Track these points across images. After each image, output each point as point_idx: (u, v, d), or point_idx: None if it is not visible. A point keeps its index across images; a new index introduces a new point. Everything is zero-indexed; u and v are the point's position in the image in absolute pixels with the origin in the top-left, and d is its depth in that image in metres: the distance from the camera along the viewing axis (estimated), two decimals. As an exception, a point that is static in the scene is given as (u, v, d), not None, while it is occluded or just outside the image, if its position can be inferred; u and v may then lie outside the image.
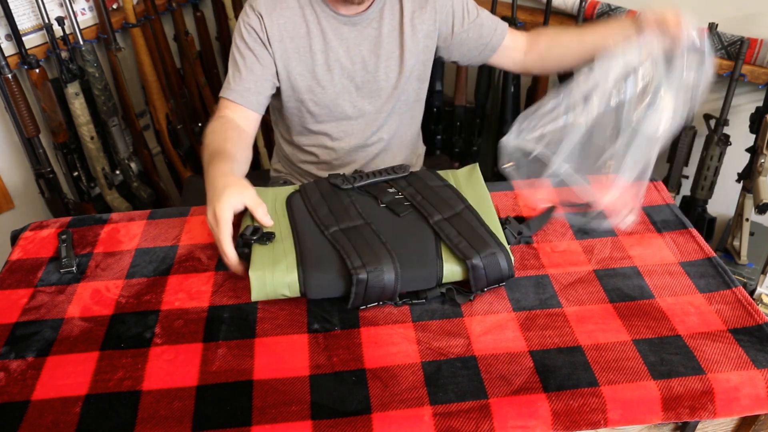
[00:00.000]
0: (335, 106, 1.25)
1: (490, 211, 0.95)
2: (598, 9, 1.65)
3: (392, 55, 1.23)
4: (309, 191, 0.99)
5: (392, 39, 1.23)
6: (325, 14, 1.19)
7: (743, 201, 1.51)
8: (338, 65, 1.22)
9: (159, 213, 1.09)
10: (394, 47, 1.23)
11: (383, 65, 1.23)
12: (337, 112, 1.26)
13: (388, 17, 1.22)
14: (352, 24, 1.20)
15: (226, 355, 0.81)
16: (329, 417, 0.72)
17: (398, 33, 1.23)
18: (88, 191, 1.81)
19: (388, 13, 1.22)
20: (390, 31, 1.22)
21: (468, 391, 0.75)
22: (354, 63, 1.22)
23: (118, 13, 1.80)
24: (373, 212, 0.95)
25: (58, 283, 0.94)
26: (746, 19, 1.47)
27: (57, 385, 0.78)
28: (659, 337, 0.82)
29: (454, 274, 0.88)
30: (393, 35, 1.23)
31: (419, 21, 1.22)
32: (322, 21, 1.19)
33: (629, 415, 0.74)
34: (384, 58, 1.23)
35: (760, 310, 0.85)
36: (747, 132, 1.49)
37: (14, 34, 1.53)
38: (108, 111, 1.74)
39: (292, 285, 0.86)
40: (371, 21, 1.21)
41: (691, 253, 0.96)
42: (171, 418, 0.73)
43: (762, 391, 0.75)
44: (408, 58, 1.24)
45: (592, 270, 0.93)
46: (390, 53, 1.23)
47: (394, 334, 0.83)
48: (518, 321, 0.85)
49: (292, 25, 1.19)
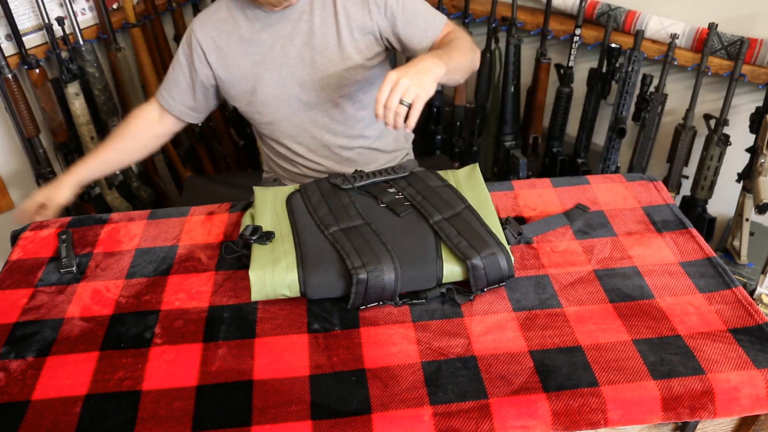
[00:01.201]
0: (281, 103, 1.27)
1: (490, 211, 0.95)
2: (598, 9, 1.65)
3: (328, 46, 1.22)
4: (309, 191, 1.00)
5: (326, 30, 1.22)
6: (256, 16, 1.22)
7: (743, 201, 1.51)
8: (275, 63, 1.23)
9: (159, 213, 1.09)
10: (329, 38, 1.22)
11: (319, 56, 1.23)
12: (286, 109, 1.27)
13: (319, 8, 1.21)
14: (285, 19, 1.21)
15: (226, 355, 0.81)
16: (329, 417, 0.72)
17: (333, 23, 1.22)
18: (88, 191, 1.81)
19: (318, 4, 1.22)
20: (322, 21, 1.22)
21: (468, 391, 0.75)
22: (290, 58, 1.23)
23: (118, 13, 1.80)
24: (373, 212, 0.95)
25: (58, 283, 0.94)
26: (746, 19, 1.47)
27: (57, 385, 0.78)
28: (659, 337, 0.82)
29: (454, 274, 0.88)
30: (327, 26, 1.22)
31: (354, 12, 1.21)
32: (255, 23, 1.22)
33: (629, 415, 0.74)
34: (320, 50, 1.23)
35: (760, 310, 0.85)
36: (747, 132, 1.49)
37: (14, 34, 1.53)
38: (108, 111, 1.74)
39: (292, 285, 0.86)
40: (302, 14, 1.22)
41: (691, 253, 0.96)
42: (171, 418, 0.73)
43: (762, 391, 0.75)
44: (346, 47, 1.23)
45: (592, 270, 0.93)
46: (325, 44, 1.22)
47: (394, 334, 0.83)
48: (518, 321, 0.85)
49: (225, 34, 1.23)
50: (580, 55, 1.76)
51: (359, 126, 1.32)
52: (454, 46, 1.14)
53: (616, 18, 1.63)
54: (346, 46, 1.23)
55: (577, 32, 1.66)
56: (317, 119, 1.29)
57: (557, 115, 1.79)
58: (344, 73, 1.25)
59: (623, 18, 1.62)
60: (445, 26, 1.25)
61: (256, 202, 1.00)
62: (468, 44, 1.19)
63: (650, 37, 1.59)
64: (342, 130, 1.31)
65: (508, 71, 1.80)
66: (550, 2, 1.69)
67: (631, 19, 1.61)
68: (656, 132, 1.60)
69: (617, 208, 1.06)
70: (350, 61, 1.24)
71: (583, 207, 1.06)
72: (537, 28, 1.77)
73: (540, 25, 1.75)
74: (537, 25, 1.77)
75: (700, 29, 1.52)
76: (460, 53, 1.14)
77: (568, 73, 1.73)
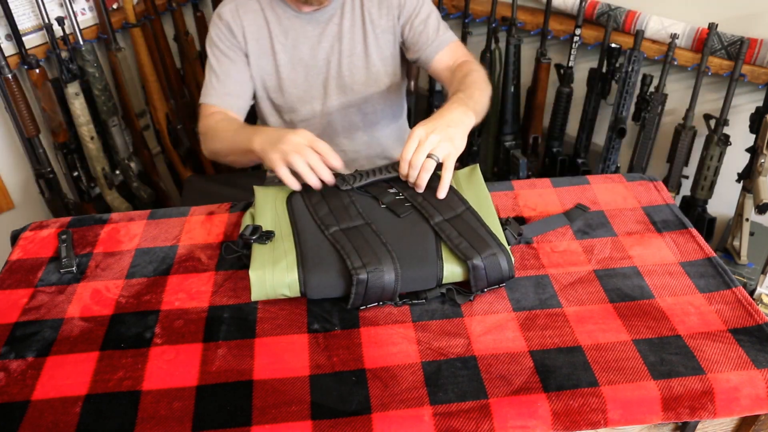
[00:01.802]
0: (303, 104, 1.26)
1: (491, 211, 0.95)
2: (598, 9, 1.66)
3: (354, 51, 1.23)
4: (310, 191, 0.99)
5: (354, 34, 1.23)
6: (286, 14, 1.21)
7: (743, 201, 1.51)
8: (302, 64, 1.23)
9: (159, 213, 1.09)
10: (357, 43, 1.23)
11: (346, 61, 1.23)
12: (305, 111, 1.27)
13: (349, 12, 1.22)
14: (315, 22, 1.21)
15: (226, 355, 0.81)
16: (329, 417, 0.72)
17: (360, 28, 1.22)
18: (88, 191, 1.81)
19: (348, 9, 1.22)
20: (351, 26, 1.22)
21: (468, 391, 0.75)
22: (318, 60, 1.23)
23: (118, 13, 1.80)
24: (374, 212, 0.95)
25: (58, 283, 0.94)
26: (746, 19, 1.47)
27: (57, 385, 0.78)
28: (659, 337, 0.82)
29: (454, 274, 0.88)
30: (354, 30, 1.22)
31: (377, 15, 1.22)
32: (284, 21, 1.21)
33: (629, 415, 0.74)
34: (347, 54, 1.23)
35: (760, 310, 0.85)
36: (747, 132, 1.49)
37: (14, 34, 1.53)
38: (108, 111, 1.74)
39: (292, 285, 0.86)
40: (332, 17, 1.22)
41: (691, 253, 0.96)
42: (171, 418, 0.73)
43: (762, 391, 0.75)
44: (372, 54, 1.23)
45: (592, 270, 0.93)
46: (352, 49, 1.23)
47: (394, 334, 0.83)
48: (518, 321, 0.85)
49: (256, 27, 1.21)
50: (580, 55, 1.76)
51: (377, 134, 1.33)
52: (474, 85, 1.09)
53: (616, 18, 1.63)
54: (371, 53, 1.23)
55: (577, 32, 1.66)
56: (336, 123, 1.29)
57: (557, 115, 1.79)
58: (367, 80, 1.25)
59: (623, 18, 1.62)
60: (455, 44, 1.24)
61: (256, 202, 1.00)
62: (484, 79, 1.14)
63: (650, 37, 1.59)
64: (360, 136, 1.31)
65: (508, 71, 1.80)
66: (550, 2, 1.69)
67: (631, 19, 1.61)
68: (656, 132, 1.60)
69: (617, 208, 1.06)
70: (374, 68, 1.25)
71: (583, 207, 1.06)
72: (537, 28, 1.77)
73: (540, 25, 1.75)
74: (537, 25, 1.77)
75: (700, 29, 1.52)
76: (480, 92, 1.09)
77: (568, 73, 1.73)
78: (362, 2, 1.22)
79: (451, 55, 1.23)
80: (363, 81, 1.26)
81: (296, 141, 0.95)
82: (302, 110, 1.27)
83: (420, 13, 1.23)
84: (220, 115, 1.19)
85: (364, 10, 1.22)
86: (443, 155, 0.93)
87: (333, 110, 1.28)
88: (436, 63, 1.23)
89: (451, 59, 1.22)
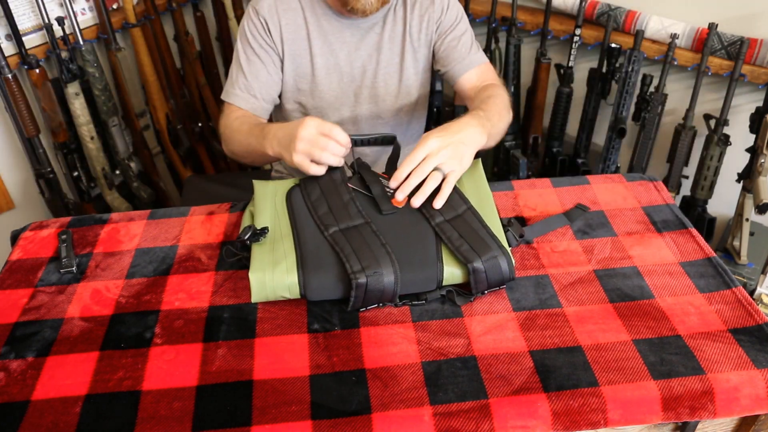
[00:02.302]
0: (333, 111, 1.25)
1: (492, 211, 0.95)
2: (598, 9, 1.65)
3: (391, 62, 1.22)
4: (309, 187, 0.98)
5: (393, 46, 1.22)
6: (327, 17, 1.18)
7: (743, 201, 1.51)
8: (337, 70, 1.22)
9: (159, 213, 1.09)
10: (394, 54, 1.22)
11: (382, 72, 1.23)
12: (334, 117, 1.26)
13: (390, 23, 1.21)
14: (355, 28, 1.20)
15: (226, 355, 0.81)
16: (329, 417, 0.72)
17: (400, 41, 1.22)
18: (88, 191, 1.81)
19: (390, 20, 1.21)
20: (391, 37, 1.21)
21: (468, 391, 0.75)
22: (354, 68, 1.22)
23: (118, 13, 1.80)
24: (374, 210, 0.94)
25: (58, 283, 0.94)
26: (746, 19, 1.47)
27: (57, 385, 0.78)
28: (659, 337, 0.82)
29: (454, 276, 0.87)
30: (394, 42, 1.22)
31: (417, 29, 1.22)
32: (323, 23, 1.18)
33: (629, 415, 0.74)
34: (384, 65, 1.22)
35: (760, 310, 0.85)
36: (747, 132, 1.49)
37: (14, 34, 1.53)
38: (108, 111, 1.74)
39: (292, 287, 0.85)
40: (374, 26, 1.20)
41: (691, 253, 0.96)
42: (171, 418, 0.73)
43: (762, 391, 0.75)
44: (407, 67, 1.23)
45: (592, 270, 0.93)
46: (389, 60, 1.22)
47: (394, 335, 0.83)
48: (518, 321, 0.85)
49: (294, 27, 1.18)
50: (580, 55, 1.76)
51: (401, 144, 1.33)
52: (495, 109, 1.07)
53: (616, 18, 1.63)
54: (407, 67, 1.23)
55: (577, 32, 1.66)
56: (362, 131, 1.28)
57: (557, 115, 1.79)
58: (399, 92, 1.24)
59: (623, 18, 1.62)
60: (485, 66, 1.23)
61: (255, 197, 0.99)
62: (506, 106, 1.12)
63: (650, 37, 1.59)
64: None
65: (508, 71, 1.80)
66: (550, 2, 1.69)
67: (631, 19, 1.61)
68: (656, 132, 1.60)
69: (617, 208, 1.06)
70: (408, 81, 1.24)
71: (583, 207, 1.06)
72: (537, 28, 1.77)
73: (540, 25, 1.75)
74: (537, 25, 1.77)
75: (700, 29, 1.52)
76: (499, 118, 1.07)
77: (568, 73, 1.73)
78: (405, 15, 1.21)
79: (479, 76, 1.22)
80: (395, 93, 1.25)
81: (308, 135, 0.92)
82: (331, 116, 1.25)
83: (456, 28, 1.22)
84: (240, 117, 1.16)
85: (405, 23, 1.20)
86: (448, 171, 0.92)
87: (361, 119, 1.26)
88: (463, 81, 1.22)
89: (478, 80, 1.21)
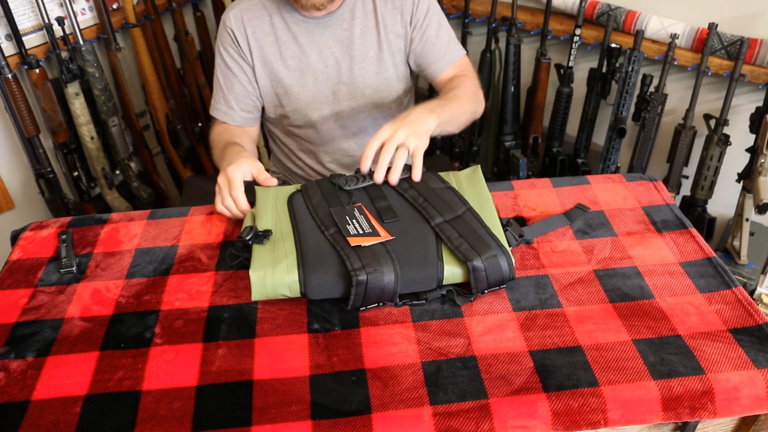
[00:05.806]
0: (313, 110, 1.25)
1: (492, 213, 0.95)
2: (598, 9, 1.66)
3: (366, 56, 1.22)
4: (310, 191, 0.99)
5: (366, 39, 1.21)
6: (294, 19, 1.19)
7: (743, 201, 1.51)
8: (311, 70, 1.22)
9: (159, 213, 1.09)
10: (368, 48, 1.21)
11: (358, 66, 1.22)
12: (316, 116, 1.26)
13: (360, 17, 1.20)
14: (323, 26, 1.19)
15: (226, 355, 0.81)
16: (329, 417, 0.72)
17: (374, 33, 1.21)
18: (88, 191, 1.81)
19: (359, 13, 1.20)
20: (363, 30, 1.21)
21: (468, 391, 0.75)
22: (327, 66, 1.22)
23: (118, 13, 1.80)
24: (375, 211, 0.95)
25: (58, 283, 0.94)
26: (746, 19, 1.47)
27: (57, 385, 0.78)
28: (659, 337, 0.82)
29: (454, 276, 0.88)
30: (367, 35, 1.21)
31: (392, 21, 1.21)
32: (292, 26, 1.19)
33: (629, 415, 0.74)
34: (359, 59, 1.21)
35: (760, 310, 0.85)
36: (747, 132, 1.50)
37: (14, 34, 1.53)
38: (108, 111, 1.74)
39: (292, 285, 0.86)
40: (341, 21, 1.20)
41: (691, 253, 0.96)
42: (171, 418, 0.73)
43: (762, 391, 0.75)
44: (385, 59, 1.22)
45: (592, 270, 0.93)
46: (364, 54, 1.21)
47: (394, 334, 0.83)
48: (518, 321, 0.85)
49: (262, 33, 1.20)
50: (580, 55, 1.76)
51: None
52: (453, 97, 1.11)
53: (616, 18, 1.63)
54: (385, 58, 1.22)
55: (577, 32, 1.67)
56: (346, 128, 1.28)
57: (557, 115, 1.79)
58: (379, 85, 1.24)
59: (623, 18, 1.62)
60: (462, 60, 1.24)
61: (257, 202, 1.00)
62: (471, 95, 1.15)
63: (650, 37, 1.59)
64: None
65: (508, 71, 1.80)
66: (550, 2, 1.69)
67: (631, 19, 1.61)
68: (656, 132, 1.60)
69: (617, 208, 1.06)
70: (387, 73, 1.23)
71: (583, 207, 1.06)
72: (537, 28, 1.77)
73: (540, 25, 1.75)
74: (537, 25, 1.77)
75: (700, 29, 1.52)
76: (459, 105, 1.10)
77: (568, 73, 1.73)
78: (375, 6, 1.20)
79: (455, 71, 1.23)
80: (374, 86, 1.24)
81: (222, 183, 1.02)
82: (312, 116, 1.25)
83: (431, 22, 1.22)
84: (220, 132, 1.22)
85: (377, 14, 1.20)
86: (412, 147, 0.96)
87: (344, 115, 1.26)
88: (442, 76, 1.23)
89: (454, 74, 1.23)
